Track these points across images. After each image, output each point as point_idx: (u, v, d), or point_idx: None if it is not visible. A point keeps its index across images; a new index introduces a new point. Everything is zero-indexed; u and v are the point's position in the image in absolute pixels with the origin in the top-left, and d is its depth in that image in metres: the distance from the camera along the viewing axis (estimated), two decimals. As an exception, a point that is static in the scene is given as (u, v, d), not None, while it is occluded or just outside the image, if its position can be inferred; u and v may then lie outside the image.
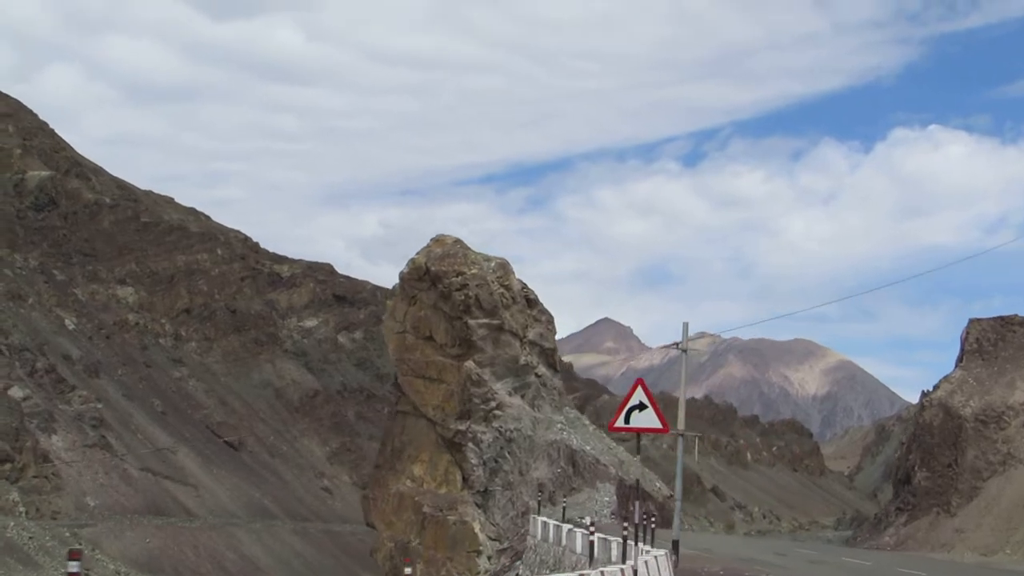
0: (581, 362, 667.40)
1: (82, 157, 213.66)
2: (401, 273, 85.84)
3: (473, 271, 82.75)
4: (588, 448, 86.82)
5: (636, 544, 34.13)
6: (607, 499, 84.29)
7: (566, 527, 54.62)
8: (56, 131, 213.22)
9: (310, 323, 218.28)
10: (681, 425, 51.75)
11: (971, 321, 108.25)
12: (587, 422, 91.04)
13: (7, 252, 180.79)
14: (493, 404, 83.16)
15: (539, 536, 64.42)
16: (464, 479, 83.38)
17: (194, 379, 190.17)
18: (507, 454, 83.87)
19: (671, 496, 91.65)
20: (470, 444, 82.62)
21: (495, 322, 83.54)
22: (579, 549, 47.39)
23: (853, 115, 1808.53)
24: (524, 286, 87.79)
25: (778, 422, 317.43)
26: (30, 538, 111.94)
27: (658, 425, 31.62)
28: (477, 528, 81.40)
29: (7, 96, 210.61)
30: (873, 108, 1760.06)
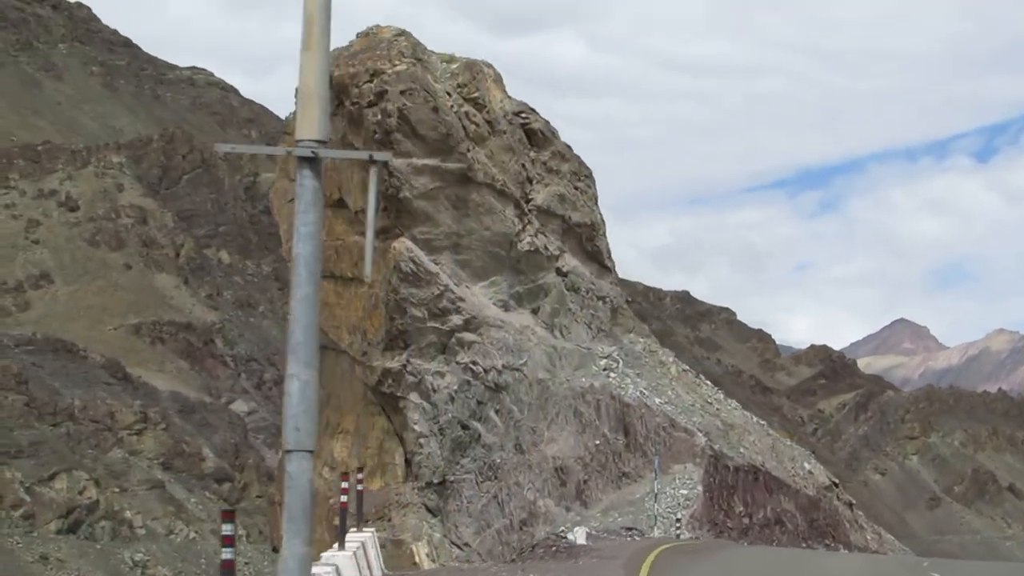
0: (879, 364, 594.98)
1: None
2: (296, 90, 38.37)
3: (399, 68, 34.91)
4: (659, 401, 37.81)
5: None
6: (684, 492, 34.86)
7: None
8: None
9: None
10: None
11: None
12: (667, 357, 41.24)
13: (238, 259, 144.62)
14: (457, 320, 35.44)
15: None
16: (407, 462, 35.71)
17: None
18: (491, 413, 35.88)
19: (833, 486, 40.80)
20: (411, 396, 35.12)
21: (453, 163, 35.55)
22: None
23: None
24: (527, 112, 38.85)
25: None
26: (245, 563, 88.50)
27: None
28: (423, 553, 33.81)
29: (251, 103, 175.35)
30: None
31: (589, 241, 39.94)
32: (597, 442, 36.67)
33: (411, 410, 34.98)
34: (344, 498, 25.72)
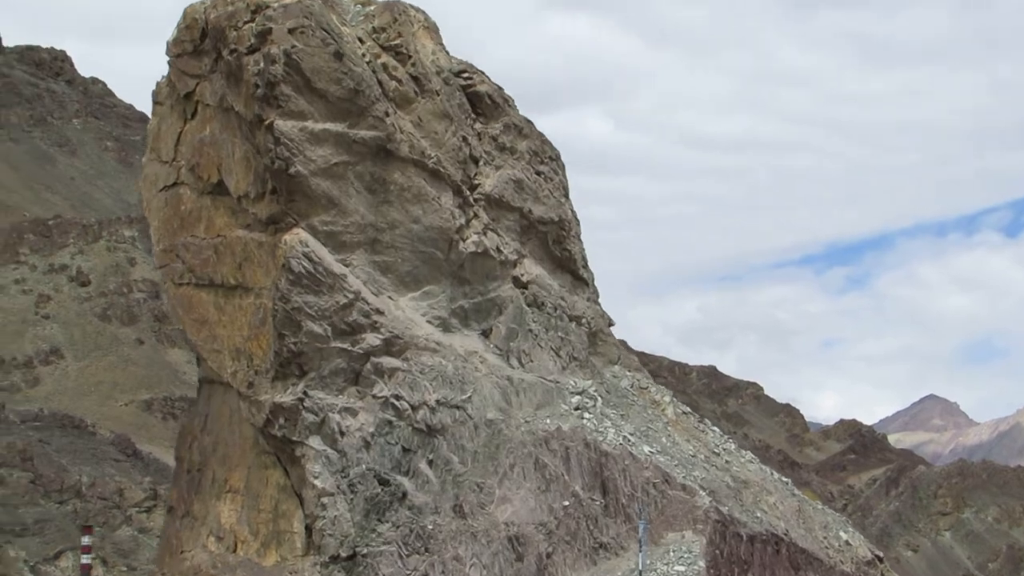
0: (908, 440, 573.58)
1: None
2: (167, 44, 28.13)
3: (288, 1, 25.00)
4: (649, 450, 26.52)
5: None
6: (680, 568, 23.52)
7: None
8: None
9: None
10: None
11: None
12: (662, 396, 30.47)
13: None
14: (374, 340, 24.59)
15: None
16: (307, 531, 24.84)
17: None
18: (421, 465, 24.94)
19: (877, 560, 29.64)
20: (311, 441, 24.28)
21: (363, 132, 25.17)
22: None
23: None
24: (472, 72, 28.71)
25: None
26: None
27: None
28: (321, 658, 22.66)
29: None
30: None
31: (557, 244, 29.33)
32: (566, 503, 25.88)
33: (311, 460, 24.28)
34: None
